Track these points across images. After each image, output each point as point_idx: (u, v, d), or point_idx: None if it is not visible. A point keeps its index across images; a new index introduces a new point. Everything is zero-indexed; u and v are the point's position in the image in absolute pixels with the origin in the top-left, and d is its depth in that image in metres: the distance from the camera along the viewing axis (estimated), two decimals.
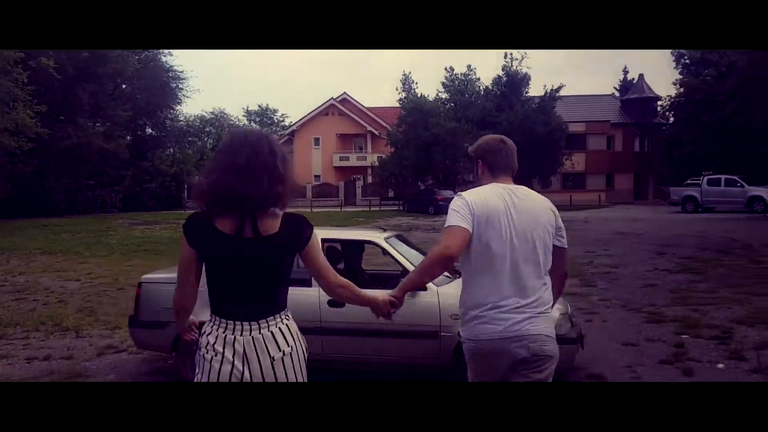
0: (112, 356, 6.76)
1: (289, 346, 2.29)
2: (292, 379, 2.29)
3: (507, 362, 2.73)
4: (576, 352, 5.48)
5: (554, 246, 2.89)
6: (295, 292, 2.54)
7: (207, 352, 2.27)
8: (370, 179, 48.18)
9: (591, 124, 46.13)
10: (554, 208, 2.96)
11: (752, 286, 10.13)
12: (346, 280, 2.50)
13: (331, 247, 6.44)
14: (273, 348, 2.26)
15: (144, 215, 35.11)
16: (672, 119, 49.93)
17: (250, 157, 2.19)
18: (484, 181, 2.95)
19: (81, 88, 34.63)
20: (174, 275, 2.42)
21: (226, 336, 2.24)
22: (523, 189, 2.92)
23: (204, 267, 2.30)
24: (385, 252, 5.85)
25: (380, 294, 2.74)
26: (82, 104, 34.87)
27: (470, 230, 2.71)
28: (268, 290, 2.28)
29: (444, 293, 5.35)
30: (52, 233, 23.64)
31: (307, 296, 5.33)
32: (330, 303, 5.31)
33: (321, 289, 2.60)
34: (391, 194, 44.84)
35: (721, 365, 6.01)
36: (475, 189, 2.90)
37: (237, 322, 2.25)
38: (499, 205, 2.78)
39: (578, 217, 28.52)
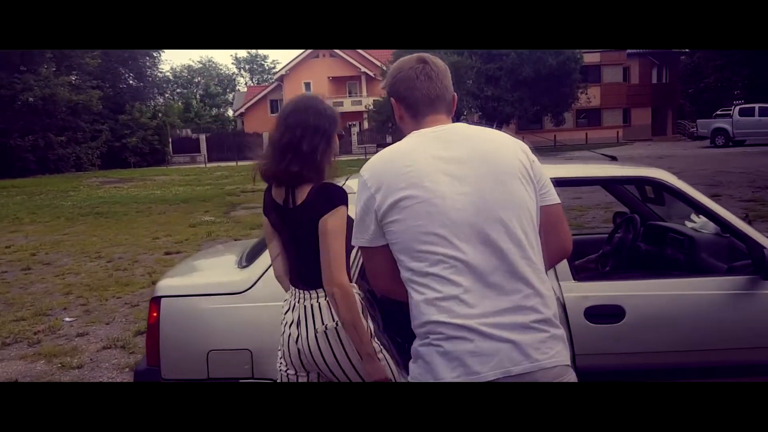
0: None
1: (333, 320, 2.24)
2: (339, 354, 2.25)
3: None
4: None
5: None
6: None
7: (281, 321, 2.39)
8: (366, 125, 45.03)
9: (606, 54, 42.37)
10: (525, 147, 1.77)
11: None
12: (350, 286, 2.17)
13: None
14: (318, 321, 2.27)
15: (122, 172, 32.56)
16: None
17: (283, 134, 2.23)
18: (405, 129, 1.86)
19: None
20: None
21: (290, 303, 2.34)
22: (463, 127, 1.78)
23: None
24: (673, 191, 2.96)
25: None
26: (44, 51, 31.63)
27: (371, 244, 1.75)
28: (312, 261, 2.23)
29: None
30: (4, 196, 21.19)
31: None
32: None
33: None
34: (389, 140, 41.91)
35: None
36: (385, 150, 1.81)
37: (297, 290, 2.33)
38: (425, 168, 1.69)
39: None
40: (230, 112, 62.59)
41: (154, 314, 2.58)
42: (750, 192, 12.91)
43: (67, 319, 6.20)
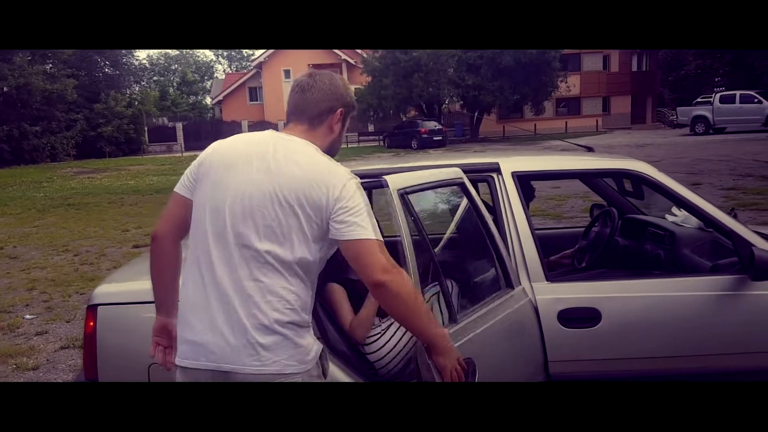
0: None
1: None
2: None
3: None
4: None
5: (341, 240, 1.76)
6: None
7: None
8: None
9: None
10: (337, 185, 1.75)
11: None
12: None
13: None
14: None
15: (97, 162, 32.08)
16: None
17: None
18: None
19: None
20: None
21: None
22: (296, 143, 1.83)
23: None
24: (653, 185, 2.69)
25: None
26: None
27: (185, 195, 1.86)
28: None
29: None
30: None
31: None
32: None
33: None
34: (371, 128, 41.64)
35: None
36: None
37: None
38: (244, 155, 1.80)
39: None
40: (208, 100, 61.80)
41: (91, 323, 2.36)
42: (731, 180, 12.80)
43: (28, 316, 5.97)
